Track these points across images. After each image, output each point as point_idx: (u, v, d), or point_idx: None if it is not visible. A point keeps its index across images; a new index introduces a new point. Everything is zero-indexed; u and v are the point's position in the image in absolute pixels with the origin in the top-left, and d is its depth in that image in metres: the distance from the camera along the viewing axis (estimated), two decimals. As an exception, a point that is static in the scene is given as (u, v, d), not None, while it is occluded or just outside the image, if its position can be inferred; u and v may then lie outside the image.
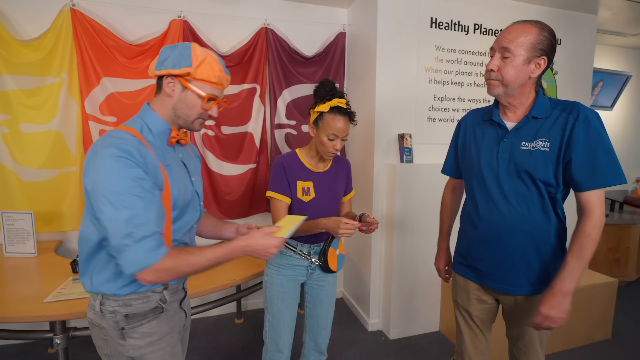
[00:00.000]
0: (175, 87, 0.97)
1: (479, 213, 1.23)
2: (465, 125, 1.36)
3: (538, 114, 1.14)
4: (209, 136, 2.48)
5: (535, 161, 1.12)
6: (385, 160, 2.42)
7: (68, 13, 2.13)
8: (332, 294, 1.58)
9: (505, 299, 1.26)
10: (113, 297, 0.95)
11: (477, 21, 2.51)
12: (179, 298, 1.11)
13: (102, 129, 2.28)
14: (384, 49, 2.33)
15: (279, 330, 1.48)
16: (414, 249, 2.38)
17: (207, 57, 0.97)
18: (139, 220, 0.84)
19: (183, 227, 1.03)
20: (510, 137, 1.17)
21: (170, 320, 1.05)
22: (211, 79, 0.98)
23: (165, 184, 0.94)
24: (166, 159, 0.98)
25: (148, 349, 0.98)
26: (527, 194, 1.15)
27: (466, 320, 1.37)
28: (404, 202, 2.32)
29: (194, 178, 1.09)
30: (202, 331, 2.49)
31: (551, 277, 1.17)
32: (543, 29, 1.10)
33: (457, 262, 1.38)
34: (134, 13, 2.30)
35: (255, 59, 2.51)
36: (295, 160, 1.45)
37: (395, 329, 2.42)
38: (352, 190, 1.62)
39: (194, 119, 1.01)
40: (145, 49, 2.29)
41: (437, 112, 2.51)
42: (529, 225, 1.15)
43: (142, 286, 0.97)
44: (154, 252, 0.85)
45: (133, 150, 0.86)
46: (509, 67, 1.11)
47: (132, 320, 0.97)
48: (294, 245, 1.48)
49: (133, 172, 0.85)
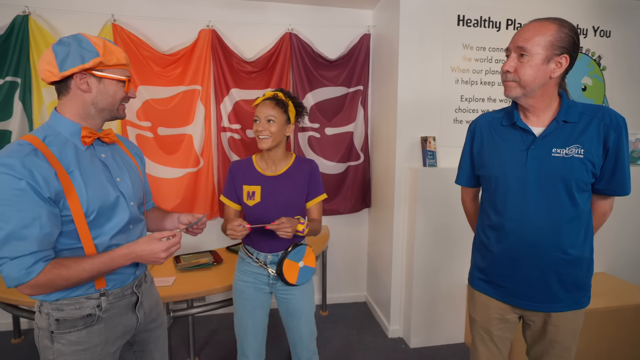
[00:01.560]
0: (90, 81, 0.96)
1: (504, 226, 1.15)
2: (480, 130, 1.26)
3: (568, 118, 1.07)
4: (234, 139, 2.58)
5: (570, 169, 1.05)
6: (407, 164, 2.36)
7: (110, 28, 2.33)
8: (303, 308, 1.46)
9: (532, 316, 1.17)
10: (46, 302, 0.96)
11: (509, 16, 2.36)
12: (128, 303, 1.07)
13: (139, 133, 2.46)
14: (406, 49, 2.27)
15: (241, 335, 1.46)
16: (437, 255, 2.30)
17: (104, 42, 0.97)
18: (12, 238, 0.84)
19: (112, 230, 1.00)
20: (539, 144, 1.09)
21: (107, 330, 1.01)
22: (121, 61, 0.98)
23: (68, 191, 0.91)
24: (75, 163, 0.94)
25: (71, 357, 0.97)
26: (559, 203, 1.07)
27: (484, 340, 1.27)
28: (426, 207, 2.25)
29: (118, 178, 1.05)
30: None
31: (584, 291, 1.13)
32: (563, 25, 1.03)
33: (475, 278, 1.29)
34: (166, 24, 2.46)
35: (279, 64, 2.56)
36: (247, 165, 1.47)
37: (416, 337, 2.36)
38: (322, 194, 1.50)
39: (117, 107, 1.02)
40: (176, 58, 2.44)
41: (465, 113, 2.40)
42: (561, 237, 1.08)
43: (72, 291, 0.96)
44: (27, 271, 0.85)
45: (15, 163, 0.84)
46: (527, 68, 1.04)
47: (61, 326, 0.96)
48: (251, 252, 1.45)
49: (13, 186, 0.83)
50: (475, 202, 1.42)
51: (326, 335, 2.50)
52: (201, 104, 2.50)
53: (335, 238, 2.90)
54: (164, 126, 2.47)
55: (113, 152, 1.08)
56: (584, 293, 1.13)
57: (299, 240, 1.46)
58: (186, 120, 2.50)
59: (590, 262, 1.13)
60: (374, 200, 2.82)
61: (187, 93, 2.47)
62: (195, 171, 2.55)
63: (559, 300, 1.11)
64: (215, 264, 2.03)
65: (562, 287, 1.10)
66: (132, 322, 1.09)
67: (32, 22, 2.22)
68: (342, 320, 2.71)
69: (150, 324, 1.18)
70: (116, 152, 1.10)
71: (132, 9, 2.40)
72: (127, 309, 1.07)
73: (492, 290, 1.22)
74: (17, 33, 2.21)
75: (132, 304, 1.09)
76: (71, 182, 0.92)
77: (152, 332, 1.20)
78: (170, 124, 2.48)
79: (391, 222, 2.43)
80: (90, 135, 0.99)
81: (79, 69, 0.93)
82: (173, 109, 2.46)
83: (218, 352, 2.30)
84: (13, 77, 2.24)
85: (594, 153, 1.04)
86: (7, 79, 2.23)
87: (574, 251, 1.08)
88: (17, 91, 2.25)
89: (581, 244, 1.10)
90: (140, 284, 1.13)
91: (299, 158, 1.51)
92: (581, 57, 2.51)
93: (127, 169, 1.10)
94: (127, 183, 1.07)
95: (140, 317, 1.12)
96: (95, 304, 0.99)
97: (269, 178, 1.44)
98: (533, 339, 1.21)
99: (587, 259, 1.11)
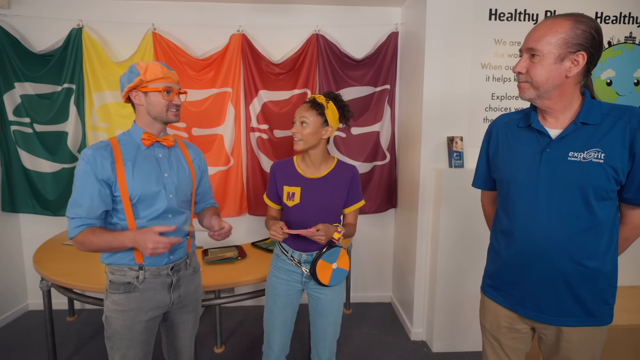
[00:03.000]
0: (139, 96, 1.23)
1: (513, 231, 1.11)
2: (496, 131, 1.22)
3: (588, 119, 1.00)
4: (263, 139, 2.68)
5: (586, 174, 0.98)
6: (432, 164, 2.31)
7: (150, 37, 2.52)
8: (332, 308, 1.49)
9: (543, 328, 1.12)
10: (106, 265, 1.27)
11: (548, 7, 2.21)
12: (163, 283, 1.28)
13: (176, 133, 2.64)
14: (433, 45, 2.21)
15: (269, 328, 1.51)
16: (462, 259, 2.22)
17: (149, 64, 1.22)
18: (74, 204, 1.18)
19: (150, 215, 1.24)
20: (554, 147, 1.03)
21: (141, 300, 1.25)
22: (158, 75, 1.21)
23: (119, 177, 1.19)
24: (132, 157, 1.23)
25: (113, 314, 1.24)
26: (574, 211, 1.01)
27: (494, 348, 1.23)
28: (451, 209, 2.19)
29: (166, 174, 1.28)
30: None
31: (603, 307, 1.05)
32: (578, 21, 0.97)
33: (486, 284, 1.26)
34: (200, 30, 2.60)
35: (305, 65, 2.61)
36: (288, 165, 1.49)
37: (438, 341, 2.30)
38: (361, 201, 1.52)
39: (166, 112, 1.25)
40: (209, 62, 2.58)
41: (496, 112, 2.29)
42: (574, 247, 1.02)
43: (118, 260, 1.24)
44: (74, 229, 1.17)
45: (88, 152, 1.18)
46: (538, 68, 1.00)
47: (111, 286, 1.25)
48: (286, 249, 1.48)
49: (83, 168, 1.17)
50: (494, 205, 1.36)
51: (348, 333, 2.52)
52: (231, 106, 2.62)
53: (361, 238, 2.90)
54: (197, 127, 2.63)
55: (170, 153, 1.33)
56: (603, 309, 1.04)
57: (333, 242, 1.46)
58: (218, 121, 2.64)
59: (611, 276, 1.04)
60: (400, 201, 2.79)
61: (218, 95, 2.61)
62: (226, 169, 2.69)
63: (571, 314, 1.04)
64: (239, 259, 2.13)
65: (575, 300, 1.03)
66: (166, 300, 1.30)
67: (84, 34, 2.47)
68: (365, 319, 2.72)
69: (182, 308, 1.36)
70: (174, 153, 1.34)
71: (171, 18, 2.57)
72: (162, 287, 1.28)
73: (501, 298, 1.17)
74: (72, 44, 2.46)
75: (167, 284, 1.29)
76: (123, 170, 1.20)
77: (183, 316, 1.38)
78: (203, 124, 2.63)
79: (415, 223, 2.39)
80: (149, 138, 1.26)
81: (128, 88, 1.23)
82: (206, 110, 2.61)
83: (244, 342, 2.42)
84: (69, 84, 2.51)
85: (616, 158, 0.96)
86: (65, 86, 2.51)
87: (591, 263, 1.01)
88: (72, 97, 2.52)
89: (601, 256, 1.02)
90: (178, 269, 1.32)
91: (341, 162, 1.51)
92: (633, 49, 2.28)
93: (177, 167, 1.32)
94: (173, 179, 1.29)
95: (174, 298, 1.31)
96: (135, 275, 1.24)
97: (310, 180, 1.45)
98: (547, 354, 1.14)
99: (607, 272, 1.03)
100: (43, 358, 2.20)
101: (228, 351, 2.33)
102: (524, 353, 1.22)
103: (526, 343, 1.19)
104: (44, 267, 1.97)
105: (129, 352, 1.25)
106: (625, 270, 2.36)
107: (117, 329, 1.24)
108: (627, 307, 2.06)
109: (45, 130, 2.55)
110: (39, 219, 2.69)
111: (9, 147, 2.57)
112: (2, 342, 2.40)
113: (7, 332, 2.52)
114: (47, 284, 2.00)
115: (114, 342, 1.25)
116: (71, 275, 1.88)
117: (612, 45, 2.29)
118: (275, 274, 1.50)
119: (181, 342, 1.41)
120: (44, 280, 2.00)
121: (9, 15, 2.49)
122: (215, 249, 2.28)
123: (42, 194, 2.61)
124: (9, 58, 2.46)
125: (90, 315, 2.73)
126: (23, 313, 2.76)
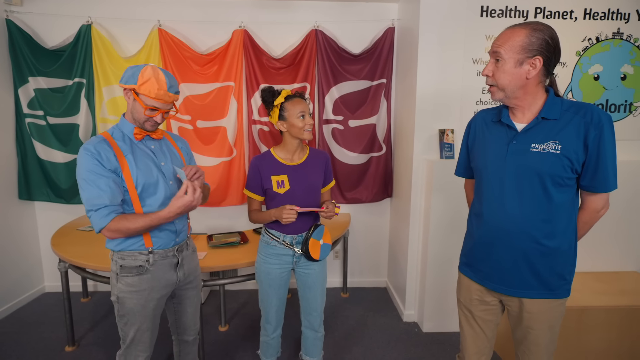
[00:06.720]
0: (129, 96, 1.30)
1: (483, 213, 1.25)
2: (475, 125, 1.36)
3: (548, 115, 1.13)
4: (264, 131, 2.80)
5: (545, 163, 1.11)
6: (425, 155, 2.42)
7: (156, 33, 2.63)
8: (319, 280, 1.69)
9: (508, 301, 1.26)
10: (115, 252, 1.35)
11: (538, 4, 2.28)
12: (170, 263, 1.40)
13: (181, 125, 2.77)
14: (427, 41, 2.31)
15: (267, 308, 1.68)
16: (451, 245, 2.35)
17: (152, 78, 1.25)
18: (93, 196, 1.22)
19: (156, 202, 1.34)
20: (519, 139, 1.16)
21: (153, 280, 1.37)
22: (150, 94, 1.25)
23: (123, 168, 1.27)
24: (130, 150, 1.31)
25: (127, 295, 1.35)
26: (534, 196, 1.14)
27: (468, 319, 1.39)
28: (441, 199, 2.31)
29: (163, 162, 1.38)
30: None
31: (560, 282, 1.18)
32: (534, 29, 1.09)
33: (461, 262, 1.41)
34: (204, 26, 2.71)
35: (305, 59, 2.72)
36: (269, 158, 1.62)
37: (429, 322, 2.45)
38: (332, 181, 1.76)
39: (143, 122, 1.32)
40: (212, 57, 2.69)
41: (486, 106, 2.39)
42: (533, 228, 1.15)
43: (129, 246, 1.33)
44: (103, 219, 1.22)
45: (91, 147, 1.24)
46: (501, 72, 1.13)
47: (123, 271, 1.35)
48: (277, 236, 1.62)
49: (91, 161, 1.23)
50: (474, 192, 1.50)
51: (344, 315, 2.68)
52: (234, 99, 2.74)
53: (357, 225, 3.04)
54: (201, 119, 2.76)
55: (161, 144, 1.43)
56: (560, 284, 1.18)
57: (317, 222, 1.67)
58: (221, 113, 2.76)
59: (568, 255, 1.17)
60: (395, 190, 2.91)
61: (221, 89, 2.73)
62: (229, 160, 2.82)
63: (531, 287, 1.18)
64: (242, 243, 2.29)
65: (534, 275, 1.17)
66: (173, 279, 1.43)
67: (94, 30, 2.59)
68: (361, 302, 2.88)
69: (187, 285, 1.51)
70: (164, 144, 1.45)
71: (176, 14, 2.68)
72: (169, 267, 1.41)
73: (472, 273, 1.32)
74: (82, 40, 2.59)
75: (173, 264, 1.42)
76: (126, 162, 1.29)
77: (188, 292, 1.53)
78: (207, 117, 2.76)
79: (408, 211, 2.52)
80: (140, 133, 1.35)
81: (122, 86, 1.29)
82: (209, 103, 2.74)
83: (246, 322, 2.59)
84: (80, 79, 2.64)
85: (572, 149, 1.08)
86: (76, 80, 2.64)
87: (549, 242, 1.14)
88: (83, 90, 2.65)
89: (559, 237, 1.15)
90: (181, 250, 1.45)
91: (312, 149, 1.71)
92: (621, 44, 2.36)
93: (170, 156, 1.43)
94: (169, 167, 1.40)
95: (180, 276, 1.45)
96: (145, 259, 1.35)
97: (293, 167, 1.61)
98: (513, 324, 1.29)
99: (564, 251, 1.16)
100: (62, 333, 2.39)
101: (232, 329, 2.50)
102: (495, 324, 1.37)
103: (496, 315, 1.34)
104: (62, 250, 2.13)
105: (142, 326, 1.39)
106: (609, 257, 2.49)
107: (132, 307, 1.36)
108: (607, 290, 2.20)
109: (58, 122, 2.69)
110: (53, 207, 2.85)
111: (24, 138, 2.72)
112: (24, 320, 2.59)
113: (28, 311, 2.71)
114: (64, 265, 2.16)
115: (128, 319, 1.37)
116: (86, 257, 2.04)
117: (600, 41, 2.37)
118: (267, 261, 1.64)
119: (189, 316, 1.56)
120: (62, 262, 2.16)
121: (22, 12, 2.61)
122: (219, 234, 2.43)
123: (56, 182, 2.76)
124: (23, 53, 2.59)
125: (103, 296, 2.91)
126: (40, 295, 2.94)
